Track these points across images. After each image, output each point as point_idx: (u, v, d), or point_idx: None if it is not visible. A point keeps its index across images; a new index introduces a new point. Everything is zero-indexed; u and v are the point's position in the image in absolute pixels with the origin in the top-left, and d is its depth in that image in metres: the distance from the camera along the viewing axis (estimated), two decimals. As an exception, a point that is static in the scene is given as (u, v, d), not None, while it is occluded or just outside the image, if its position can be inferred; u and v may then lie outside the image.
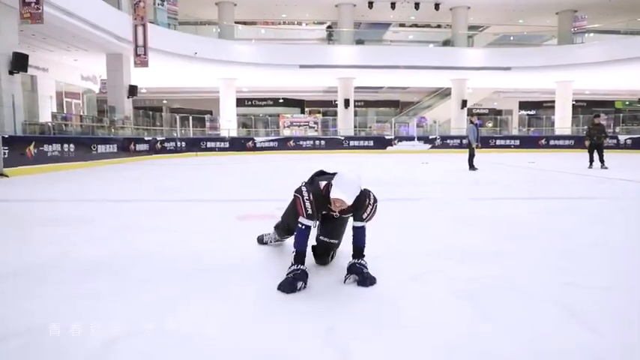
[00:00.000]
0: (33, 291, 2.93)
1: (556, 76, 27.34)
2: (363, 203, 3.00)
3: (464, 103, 28.00)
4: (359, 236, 3.10)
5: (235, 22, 27.03)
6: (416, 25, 31.60)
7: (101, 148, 15.95)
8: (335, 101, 30.46)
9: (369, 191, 3.08)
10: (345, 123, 27.76)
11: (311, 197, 2.93)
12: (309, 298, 2.78)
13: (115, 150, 16.90)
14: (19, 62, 13.26)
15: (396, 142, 25.95)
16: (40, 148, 12.68)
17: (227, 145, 24.41)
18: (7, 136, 11.62)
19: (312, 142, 25.49)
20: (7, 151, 11.35)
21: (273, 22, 30.41)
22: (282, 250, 3.83)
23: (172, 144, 22.09)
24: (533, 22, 29.83)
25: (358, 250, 3.09)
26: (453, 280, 3.13)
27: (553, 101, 30.40)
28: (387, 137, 26.54)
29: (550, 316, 2.53)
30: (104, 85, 22.96)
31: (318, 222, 3.15)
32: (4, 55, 12.95)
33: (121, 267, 3.45)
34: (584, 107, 35.17)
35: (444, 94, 32.67)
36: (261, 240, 3.98)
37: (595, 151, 12.99)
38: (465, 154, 13.62)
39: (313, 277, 3.06)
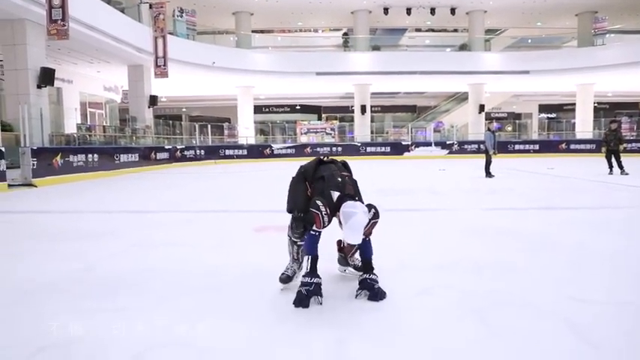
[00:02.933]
0: (59, 305, 3.08)
1: (576, 78, 26.98)
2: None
3: (481, 107, 27.80)
4: (365, 249, 3.20)
5: (252, 31, 27.35)
6: (432, 30, 31.51)
7: (123, 158, 16.35)
8: (352, 107, 30.55)
9: (372, 207, 3.15)
10: (361, 129, 27.82)
11: (328, 211, 3.01)
12: (322, 311, 2.90)
13: (137, 159, 17.31)
14: (47, 76, 13.75)
15: (413, 147, 25.90)
16: (66, 159, 13.13)
17: (245, 152, 24.69)
18: (35, 147, 12.07)
19: (329, 148, 25.60)
20: (35, 162, 11.81)
21: (289, 30, 30.67)
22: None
23: (192, 152, 22.44)
24: (552, 24, 29.49)
25: (367, 262, 3.20)
26: (460, 293, 3.19)
27: (574, 104, 29.96)
28: (403, 143, 26.50)
29: (551, 330, 2.57)
30: (126, 95, 23.51)
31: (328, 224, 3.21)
32: (33, 70, 13.45)
33: (141, 282, 3.59)
34: (606, 109, 34.59)
35: (461, 98, 32.48)
36: (285, 279, 3.41)
37: (613, 156, 12.85)
38: (482, 159, 13.55)
39: (326, 290, 3.15)
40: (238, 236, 5.39)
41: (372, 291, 3.09)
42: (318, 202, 3.01)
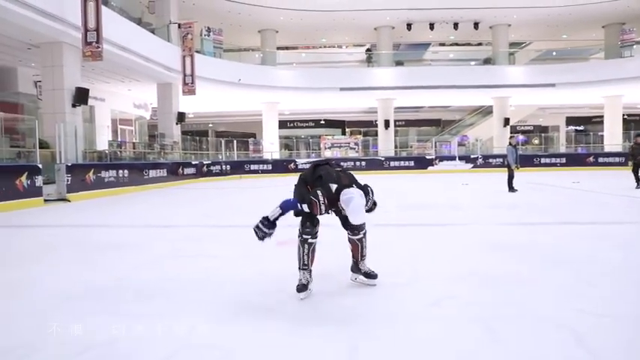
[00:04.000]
0: (96, 310, 3.39)
1: (604, 90, 26.59)
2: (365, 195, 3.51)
3: (506, 121, 27.61)
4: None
5: (277, 48, 27.93)
6: (456, 44, 31.57)
7: (152, 173, 16.91)
8: (375, 121, 30.73)
9: (368, 187, 3.60)
10: (385, 143, 27.94)
11: (325, 201, 3.40)
12: (337, 321, 3.12)
13: (165, 174, 17.86)
14: (81, 96, 14.39)
15: (437, 161, 25.88)
16: (98, 175, 13.69)
17: (270, 167, 25.09)
18: (70, 164, 12.66)
19: (352, 162, 25.80)
20: (69, 177, 12.38)
21: (313, 46, 31.18)
22: (317, 277, 3.87)
23: (218, 167, 22.95)
24: (578, 36, 29.18)
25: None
26: (469, 305, 3.35)
27: (602, 116, 29.47)
28: (427, 157, 26.50)
29: (557, 342, 2.69)
30: (155, 112, 24.27)
31: (325, 214, 3.52)
32: (68, 90, 14.11)
33: (170, 290, 3.87)
34: (636, 121, 33.91)
35: (486, 111, 32.31)
36: (302, 288, 3.62)
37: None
38: (506, 173, 13.44)
39: (340, 301, 3.36)
40: (261, 249, 5.60)
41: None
42: (318, 192, 3.40)
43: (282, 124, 31.62)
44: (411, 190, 14.51)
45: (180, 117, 21.54)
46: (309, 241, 3.58)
